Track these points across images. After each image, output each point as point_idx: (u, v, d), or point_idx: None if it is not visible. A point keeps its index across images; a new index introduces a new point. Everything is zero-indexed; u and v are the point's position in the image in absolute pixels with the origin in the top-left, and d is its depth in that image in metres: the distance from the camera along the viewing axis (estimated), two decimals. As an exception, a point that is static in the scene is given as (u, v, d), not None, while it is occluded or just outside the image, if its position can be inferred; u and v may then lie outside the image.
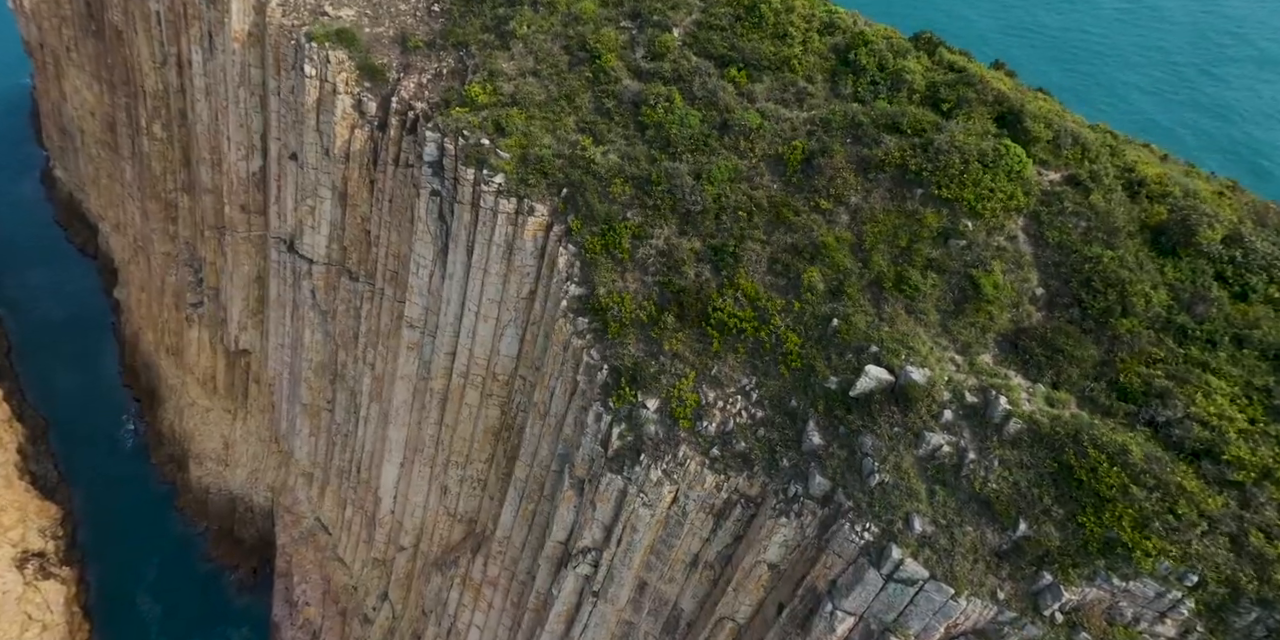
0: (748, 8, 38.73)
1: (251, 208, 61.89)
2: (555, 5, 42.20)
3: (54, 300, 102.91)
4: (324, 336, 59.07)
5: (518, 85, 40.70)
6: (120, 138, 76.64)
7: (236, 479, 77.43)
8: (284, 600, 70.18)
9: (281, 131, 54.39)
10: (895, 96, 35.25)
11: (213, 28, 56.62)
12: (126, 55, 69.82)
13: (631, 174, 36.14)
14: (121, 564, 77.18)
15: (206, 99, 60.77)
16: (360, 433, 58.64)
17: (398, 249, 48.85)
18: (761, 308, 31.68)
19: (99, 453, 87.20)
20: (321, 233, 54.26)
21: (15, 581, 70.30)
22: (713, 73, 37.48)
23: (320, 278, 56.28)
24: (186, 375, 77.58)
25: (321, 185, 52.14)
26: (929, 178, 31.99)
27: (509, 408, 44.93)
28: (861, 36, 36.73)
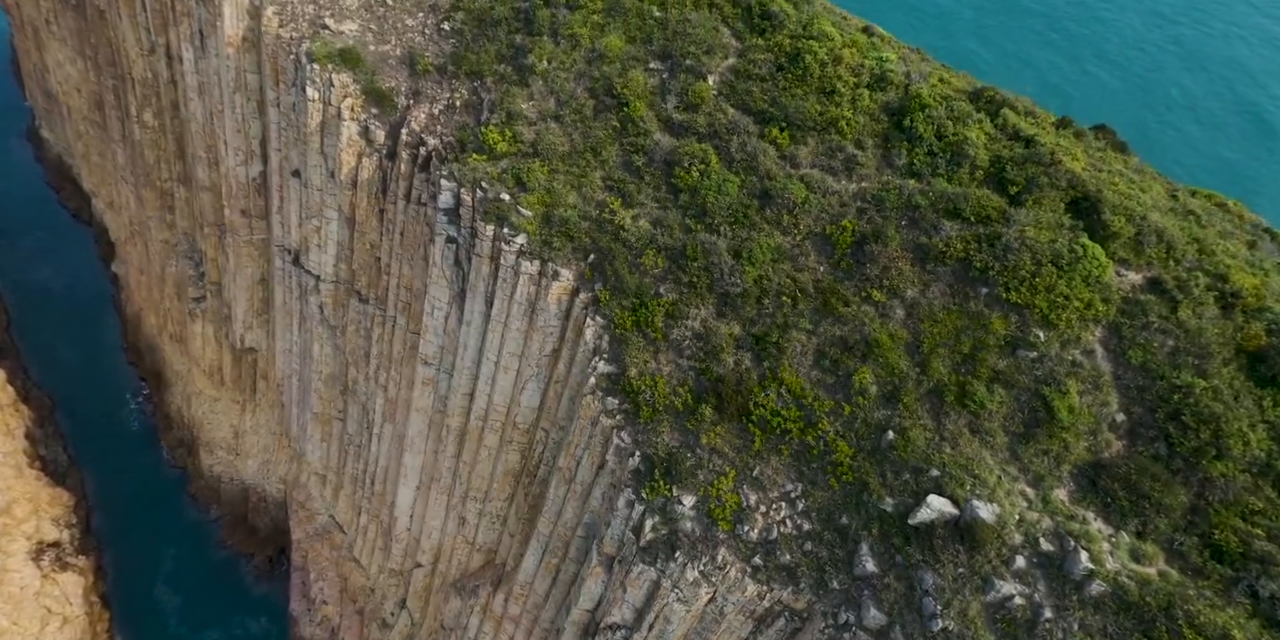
0: (790, 56, 35.61)
1: (253, 212, 59.34)
2: (578, 39, 38.94)
3: (50, 269, 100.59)
4: (333, 350, 57.48)
5: (539, 132, 37.94)
6: (109, 119, 73.15)
7: (248, 469, 77.03)
8: (301, 595, 70.67)
9: (282, 144, 51.52)
10: (955, 172, 32.53)
11: (204, 26, 52.99)
12: (111, 37, 65.89)
13: (664, 244, 33.93)
14: (137, 551, 77.53)
15: (200, 98, 57.49)
16: (374, 448, 57.73)
17: (410, 282, 46.82)
18: (808, 407, 30.04)
19: (107, 434, 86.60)
20: (328, 252, 52.04)
21: (33, 576, 70.62)
22: (752, 131, 34.73)
23: (328, 295, 54.32)
24: (192, 366, 76.23)
25: (327, 206, 49.67)
26: (995, 278, 29.73)
27: (530, 454, 43.78)
28: (918, 99, 33.73)
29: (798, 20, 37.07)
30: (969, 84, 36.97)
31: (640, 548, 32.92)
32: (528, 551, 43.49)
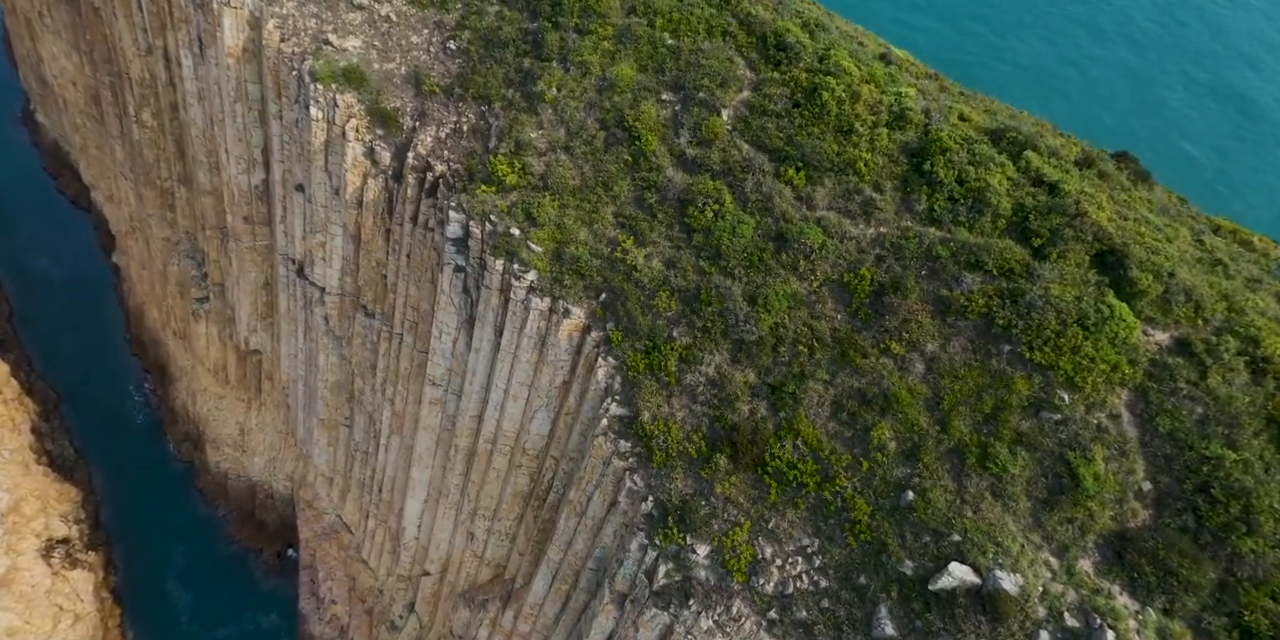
0: (807, 92, 34.76)
1: (256, 219, 58.66)
2: (588, 66, 38.03)
3: (50, 257, 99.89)
4: (339, 359, 57.23)
5: (549, 164, 37.25)
6: (107, 115, 72.05)
7: (255, 466, 77.27)
8: (310, 593, 71.35)
9: (285, 157, 50.75)
10: (977, 220, 31.84)
11: (203, 34, 51.87)
12: (106, 35, 64.58)
13: (678, 286, 33.50)
14: (147, 546, 78.11)
15: (200, 104, 56.51)
16: (381, 457, 57.77)
17: (417, 302, 46.41)
18: (825, 460, 29.89)
19: (113, 427, 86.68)
20: (333, 266, 51.51)
21: (43, 574, 71.18)
22: (767, 170, 34.06)
23: (333, 307, 53.91)
24: (196, 363, 76.08)
25: (332, 222, 49.05)
26: (1019, 336, 29.26)
27: (539, 479, 43.78)
28: (938, 142, 32.93)
29: (814, 52, 36.15)
30: (989, 118, 36.07)
31: (653, 591, 33.04)
32: (538, 575, 43.72)
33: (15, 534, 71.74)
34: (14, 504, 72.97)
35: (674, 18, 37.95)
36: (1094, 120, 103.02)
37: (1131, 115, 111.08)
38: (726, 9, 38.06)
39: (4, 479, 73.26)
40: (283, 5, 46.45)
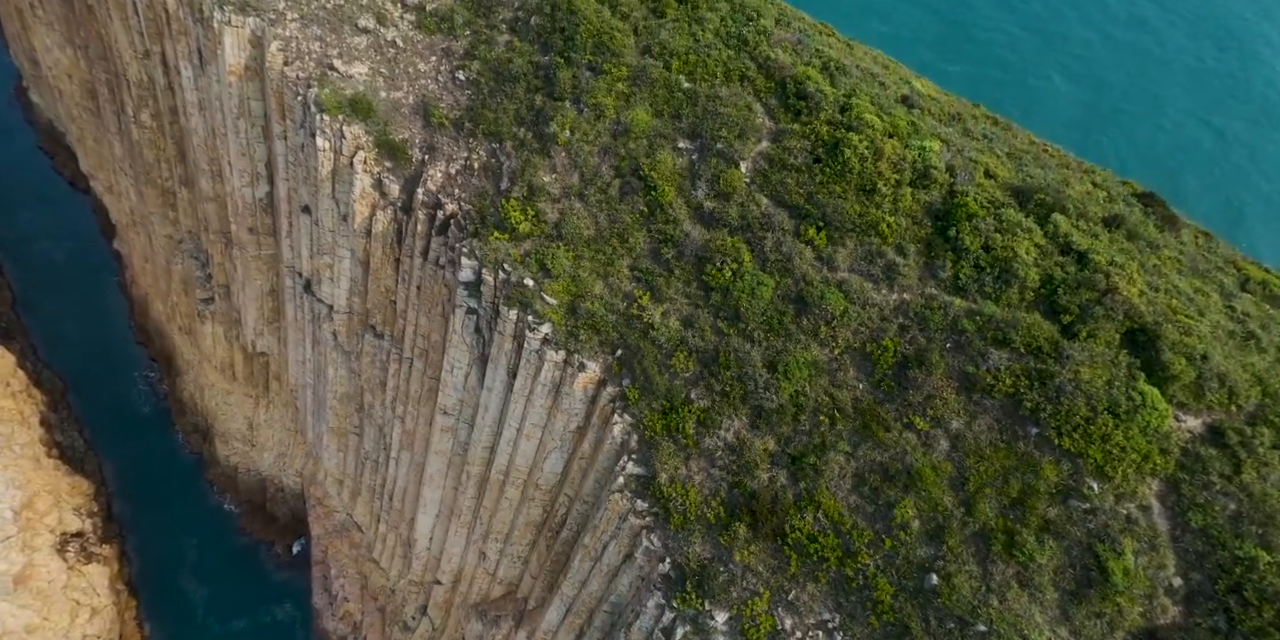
0: (828, 146, 33.92)
1: (260, 230, 57.97)
2: (602, 109, 37.08)
3: (50, 241, 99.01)
4: (348, 373, 57.15)
5: (562, 211, 36.62)
6: (104, 112, 70.60)
7: (264, 461, 77.80)
8: (323, 589, 72.49)
9: (290, 176, 49.95)
10: (1004, 292, 31.22)
11: (202, 47, 50.50)
12: (102, 34, 62.88)
13: (696, 347, 33.23)
14: (160, 538, 79.09)
15: (200, 114, 55.34)
16: (391, 469, 58.10)
17: (427, 332, 46.13)
18: (846, 534, 29.99)
19: (121, 417, 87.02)
20: (341, 287, 51.10)
21: (59, 569, 72.17)
22: (787, 228, 33.45)
23: (341, 324, 53.65)
24: (203, 361, 75.96)
25: (339, 246, 48.50)
26: (1047, 420, 28.96)
27: (552, 512, 44.07)
28: (964, 208, 32.15)
29: (835, 100, 35.19)
30: (1015, 170, 35.13)
31: (669, 650, 33.50)
32: (551, 604, 44.32)
33: (30, 530, 72.53)
34: (27, 500, 73.62)
35: (691, 60, 36.88)
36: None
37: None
38: (745, 51, 36.97)
39: (16, 475, 73.77)
40: (285, 26, 45.15)
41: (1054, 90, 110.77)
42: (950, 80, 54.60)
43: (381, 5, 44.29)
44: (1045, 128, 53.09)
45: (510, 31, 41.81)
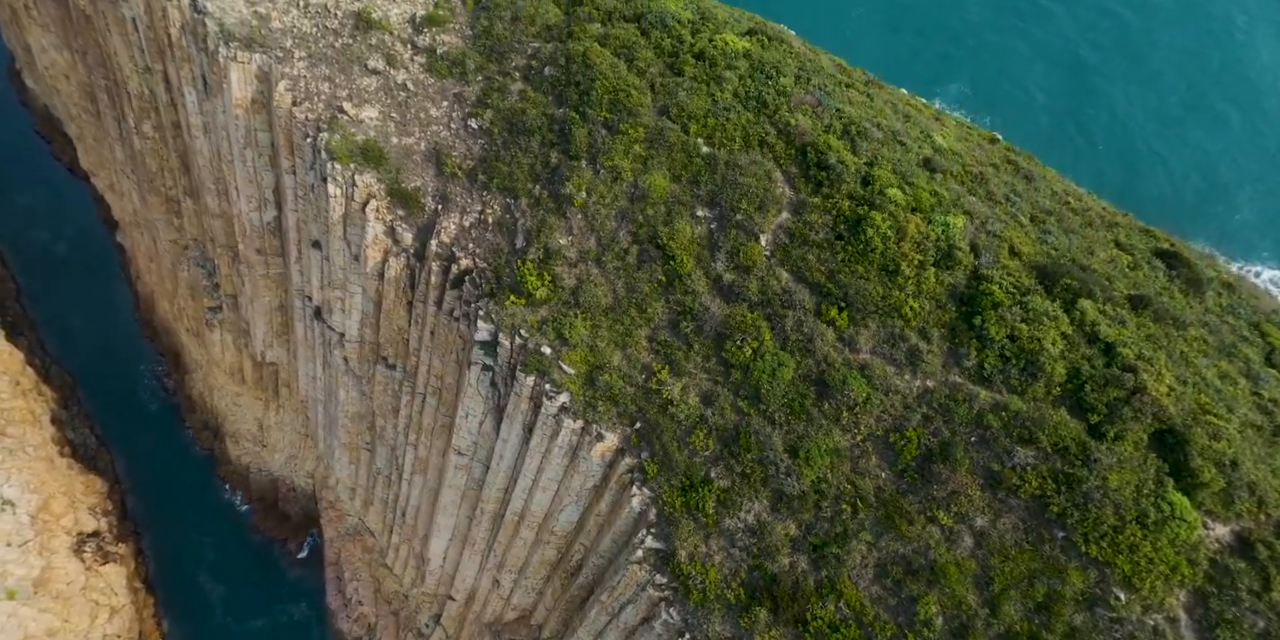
0: (850, 224, 33.47)
1: (269, 251, 57.57)
2: (619, 172, 36.50)
3: (51, 230, 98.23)
4: (359, 395, 57.33)
5: (579, 277, 36.33)
6: (104, 116, 69.40)
7: (276, 462, 78.50)
8: (336, 590, 73.86)
9: (299, 209, 49.40)
10: (1030, 385, 30.99)
11: (206, 74, 49.44)
12: (101, 43, 61.47)
13: (715, 425, 33.33)
14: (174, 536, 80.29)
15: (205, 136, 54.48)
16: (404, 489, 58.66)
17: (441, 373, 46.12)
18: (868, 626, 30.38)
19: (130, 412, 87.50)
20: (352, 318, 50.97)
21: (77, 571, 73.45)
22: (808, 306, 33.22)
23: (353, 352, 53.65)
24: (212, 365, 76.09)
25: (351, 282, 48.23)
26: (1074, 525, 29.03)
27: (568, 555, 44.67)
28: (989, 297, 31.75)
29: (856, 171, 34.60)
30: (1039, 246, 34.62)
31: (688, 718, 34.28)
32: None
33: (47, 533, 73.58)
34: (43, 503, 74.49)
35: (709, 123, 36.16)
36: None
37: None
38: (764, 114, 36.23)
39: (31, 478, 74.52)
40: (293, 65, 44.20)
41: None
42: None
43: (391, 46, 43.26)
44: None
45: (524, 80, 40.94)
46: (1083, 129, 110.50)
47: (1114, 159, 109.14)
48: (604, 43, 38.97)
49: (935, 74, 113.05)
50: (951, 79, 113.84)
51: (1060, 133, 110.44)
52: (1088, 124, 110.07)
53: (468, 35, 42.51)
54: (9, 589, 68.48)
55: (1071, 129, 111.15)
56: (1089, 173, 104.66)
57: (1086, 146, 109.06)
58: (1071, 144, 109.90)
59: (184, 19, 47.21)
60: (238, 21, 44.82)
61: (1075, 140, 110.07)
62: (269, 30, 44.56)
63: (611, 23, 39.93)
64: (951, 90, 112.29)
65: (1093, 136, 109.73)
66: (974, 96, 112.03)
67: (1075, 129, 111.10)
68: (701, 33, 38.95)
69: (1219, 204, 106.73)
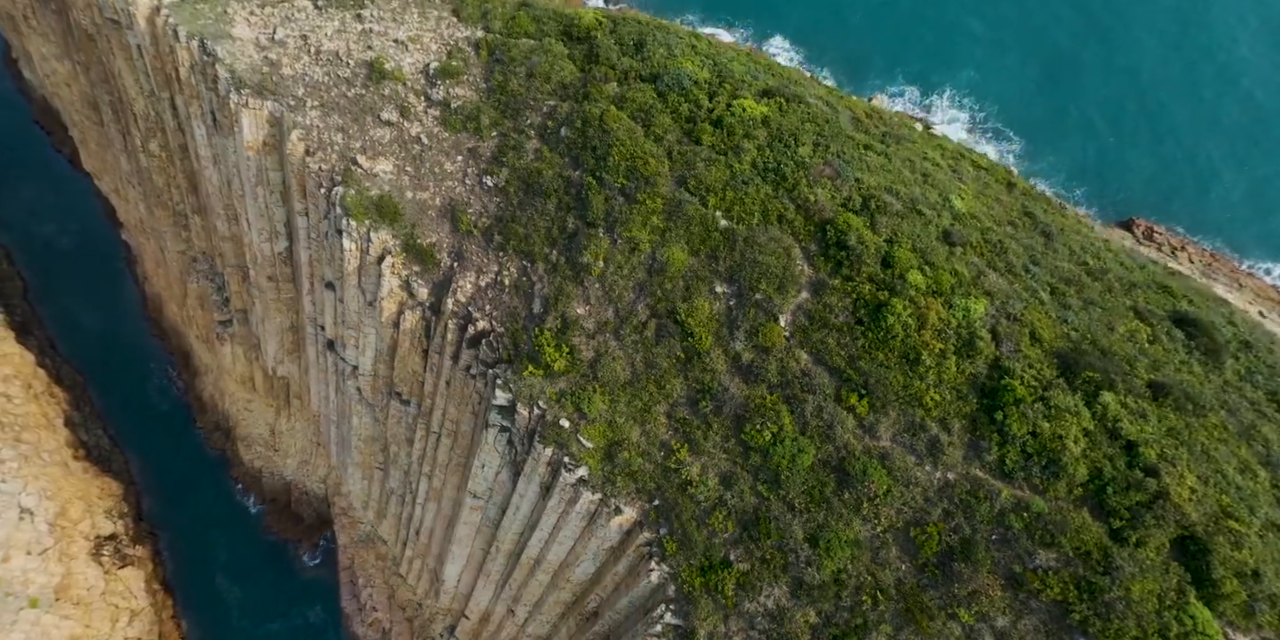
0: (871, 309, 33.47)
1: (280, 278, 57.59)
2: (637, 243, 36.41)
3: (55, 224, 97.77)
4: (373, 421, 57.86)
5: (597, 350, 36.51)
6: (109, 128, 68.66)
7: (288, 466, 79.43)
8: (351, 594, 75.37)
9: (312, 249, 49.28)
10: (1051, 484, 31.23)
11: (215, 111, 48.90)
12: (104, 61, 60.55)
13: (735, 507, 33.82)
14: (190, 536, 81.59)
15: (215, 166, 54.10)
16: (418, 512, 59.51)
17: (456, 419, 46.48)
18: (894, 719, 31.15)
19: (141, 411, 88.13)
20: (366, 356, 51.23)
21: (96, 576, 74.93)
22: (828, 392, 33.41)
23: (367, 384, 54.01)
24: (222, 373, 76.53)
25: (365, 324, 48.37)
26: (1096, 634, 29.42)
27: (583, 601, 45.58)
28: (1011, 393, 31.79)
29: (875, 251, 34.50)
30: (1060, 327, 34.61)
31: None
32: (582, 681, 46.46)
33: (66, 539, 74.86)
34: (60, 509, 75.64)
35: (728, 197, 35.94)
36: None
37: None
38: (783, 187, 35.97)
39: (48, 485, 75.54)
40: (306, 114, 43.71)
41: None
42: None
43: (404, 98, 42.73)
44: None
45: (539, 138, 40.57)
46: (1102, 116, 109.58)
47: (1128, 147, 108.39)
48: (620, 105, 38.54)
49: (946, 61, 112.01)
50: (962, 65, 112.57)
51: (1070, 121, 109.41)
52: (1105, 111, 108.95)
53: (482, 88, 41.97)
54: (31, 597, 69.98)
55: (1095, 117, 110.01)
56: (1100, 160, 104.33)
57: (1096, 132, 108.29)
58: (1089, 129, 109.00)
59: (193, 60, 46.54)
60: (248, 67, 44.22)
61: (1096, 125, 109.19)
62: (280, 77, 43.98)
63: (628, 83, 39.42)
64: (962, 78, 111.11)
65: (1100, 123, 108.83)
66: (983, 83, 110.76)
67: (1099, 117, 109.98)
68: (718, 96, 38.48)
69: (1241, 204, 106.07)
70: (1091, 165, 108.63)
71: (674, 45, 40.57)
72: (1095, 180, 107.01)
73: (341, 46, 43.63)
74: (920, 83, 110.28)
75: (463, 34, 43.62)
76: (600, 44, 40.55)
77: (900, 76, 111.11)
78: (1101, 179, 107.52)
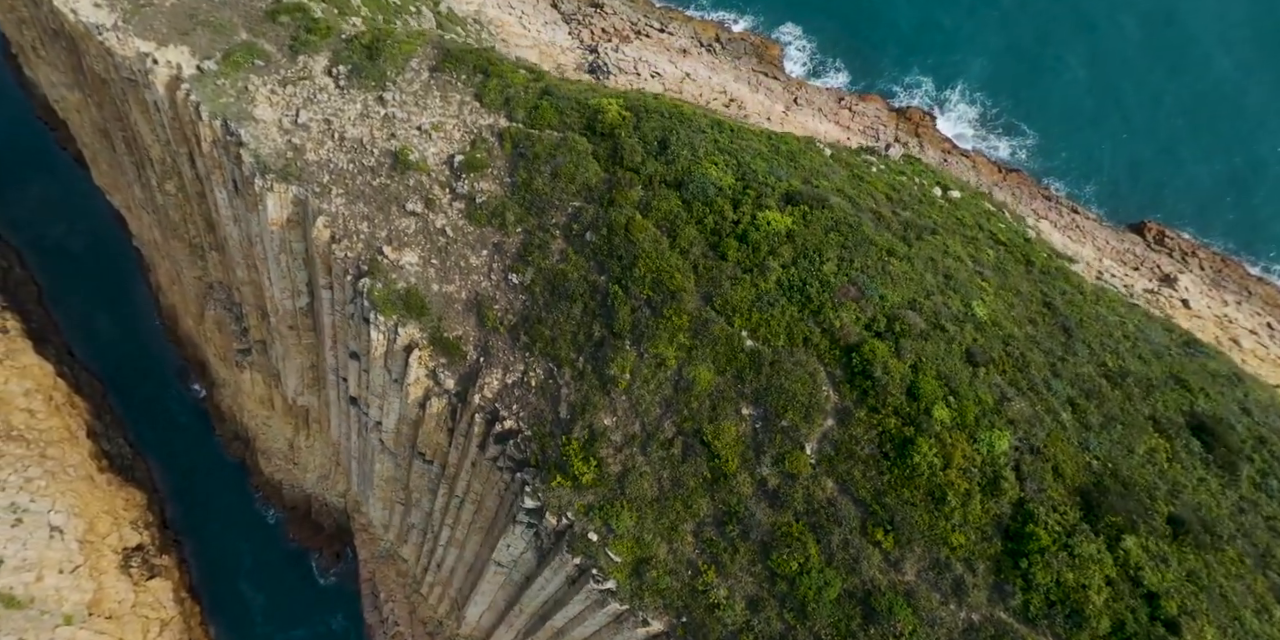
0: (897, 445, 34.28)
1: (301, 327, 58.19)
2: (663, 359, 37.05)
3: (64, 225, 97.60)
4: (394, 466, 59.14)
5: (625, 464, 37.47)
6: (121, 159, 68.27)
7: (308, 480, 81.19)
8: (373, 607, 77.97)
9: (336, 317, 49.77)
10: (1075, 633, 32.10)
11: (237, 180, 48.91)
12: (119, 107, 59.96)
13: (762, 633, 35.07)
14: (213, 543, 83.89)
15: (235, 224, 54.22)
16: (440, 552, 61.22)
17: (480, 495, 47.59)
18: None
19: (161, 418, 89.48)
20: (389, 419, 52.21)
21: (126, 589, 77.48)
22: (854, 523, 34.41)
23: (390, 439, 55.10)
24: (241, 393, 77.63)
25: (390, 396, 49.23)
26: None
27: (607, 665, 47.48)
28: (1035, 540, 32.65)
29: (901, 380, 35.13)
30: (1081, 461, 35.38)
31: None
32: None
33: (95, 554, 77.16)
34: (89, 524, 77.77)
35: (754, 317, 36.42)
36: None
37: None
38: (808, 309, 36.40)
39: (75, 501, 77.49)
40: (330, 201, 43.84)
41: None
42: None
43: (429, 189, 42.78)
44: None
45: (564, 238, 40.81)
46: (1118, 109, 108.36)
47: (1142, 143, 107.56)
48: (646, 212, 38.71)
49: (961, 48, 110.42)
50: (977, 53, 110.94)
51: (1086, 115, 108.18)
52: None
53: (506, 183, 42.03)
54: (66, 614, 72.55)
55: (1111, 111, 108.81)
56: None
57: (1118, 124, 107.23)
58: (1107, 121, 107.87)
59: (215, 136, 46.37)
60: (273, 152, 44.15)
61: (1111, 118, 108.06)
62: (305, 162, 43.96)
63: (653, 187, 39.50)
64: (974, 68, 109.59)
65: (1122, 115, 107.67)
66: (998, 72, 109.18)
67: (1116, 111, 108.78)
68: (743, 205, 38.58)
69: (1263, 206, 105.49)
70: (1106, 162, 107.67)
71: (697, 145, 40.47)
72: (1108, 178, 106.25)
73: (365, 133, 43.49)
74: (933, 74, 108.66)
75: (485, 121, 43.42)
76: (624, 144, 40.46)
77: (914, 67, 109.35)
78: (1114, 177, 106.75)
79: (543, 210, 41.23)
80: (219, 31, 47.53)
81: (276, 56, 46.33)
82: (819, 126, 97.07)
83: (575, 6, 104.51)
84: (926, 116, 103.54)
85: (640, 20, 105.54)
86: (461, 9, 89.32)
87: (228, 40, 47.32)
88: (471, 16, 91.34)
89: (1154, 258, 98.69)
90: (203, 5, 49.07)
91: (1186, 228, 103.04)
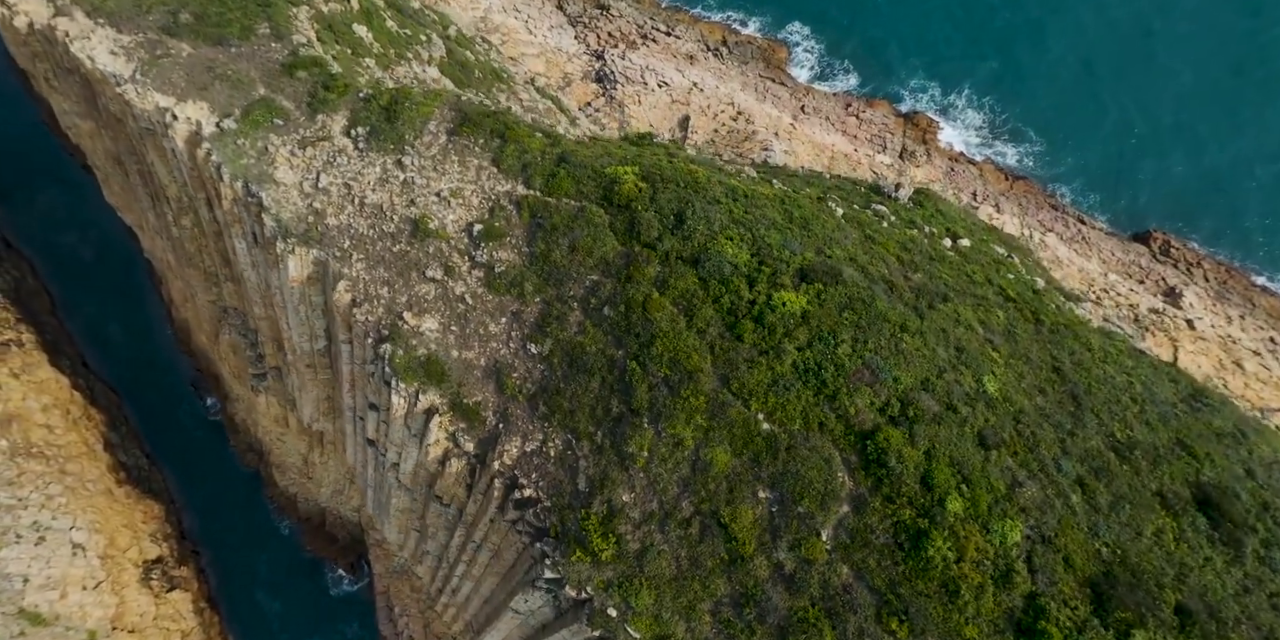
0: (911, 536, 35.27)
1: (319, 366, 59.05)
2: (680, 439, 37.95)
3: (74, 233, 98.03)
4: (410, 501, 60.35)
5: (643, 540, 38.51)
6: (135, 187, 68.56)
7: (322, 494, 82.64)
8: (387, 619, 79.87)
9: (355, 370, 50.62)
10: None
11: (256, 231, 49.43)
12: (135, 145, 60.20)
13: (778, 712, 36.42)
14: (230, 553, 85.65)
15: (254, 269, 54.80)
16: (455, 582, 62.71)
17: (498, 549, 48.77)
18: None
19: (176, 428, 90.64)
20: (407, 464, 53.25)
21: (148, 602, 79.33)
22: (869, 612, 35.47)
23: (407, 478, 56.21)
24: (255, 410, 78.68)
25: (409, 446, 50.21)
26: None
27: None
28: (1047, 637, 33.72)
29: (915, 468, 36.04)
30: (1091, 549, 36.39)
31: None
32: None
33: (116, 569, 78.87)
34: (109, 539, 79.36)
35: (770, 401, 37.22)
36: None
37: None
38: (824, 394, 37.18)
39: (95, 517, 79.01)
40: (351, 266, 44.45)
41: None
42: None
43: (449, 257, 43.34)
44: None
45: (582, 311, 41.48)
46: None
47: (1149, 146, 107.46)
48: (662, 289, 39.33)
49: (968, 51, 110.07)
50: (984, 57, 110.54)
51: (1092, 122, 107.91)
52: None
53: (524, 253, 42.58)
54: (90, 630, 74.43)
55: (1119, 118, 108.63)
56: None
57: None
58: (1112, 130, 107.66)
59: (236, 196, 46.82)
60: (294, 216, 44.64)
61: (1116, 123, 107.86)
62: (325, 227, 44.49)
63: (669, 263, 40.08)
64: (980, 72, 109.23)
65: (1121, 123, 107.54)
66: (1004, 76, 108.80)
67: (1122, 119, 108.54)
68: (758, 284, 39.17)
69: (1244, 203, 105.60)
70: (1112, 169, 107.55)
71: (713, 218, 40.95)
72: (1113, 187, 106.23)
73: (385, 199, 43.94)
74: (940, 78, 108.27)
75: (503, 188, 43.84)
76: (640, 217, 40.95)
77: (920, 71, 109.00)
78: (1120, 185, 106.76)
79: (560, 282, 41.86)
80: (237, 87, 47.73)
81: (295, 114, 46.58)
82: (827, 138, 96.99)
83: (581, 8, 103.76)
84: (934, 124, 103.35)
85: (647, 23, 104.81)
86: (467, 17, 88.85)
87: (246, 96, 47.52)
88: (478, 24, 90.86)
89: (1159, 270, 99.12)
90: (220, 57, 49.19)
91: (1192, 236, 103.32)
